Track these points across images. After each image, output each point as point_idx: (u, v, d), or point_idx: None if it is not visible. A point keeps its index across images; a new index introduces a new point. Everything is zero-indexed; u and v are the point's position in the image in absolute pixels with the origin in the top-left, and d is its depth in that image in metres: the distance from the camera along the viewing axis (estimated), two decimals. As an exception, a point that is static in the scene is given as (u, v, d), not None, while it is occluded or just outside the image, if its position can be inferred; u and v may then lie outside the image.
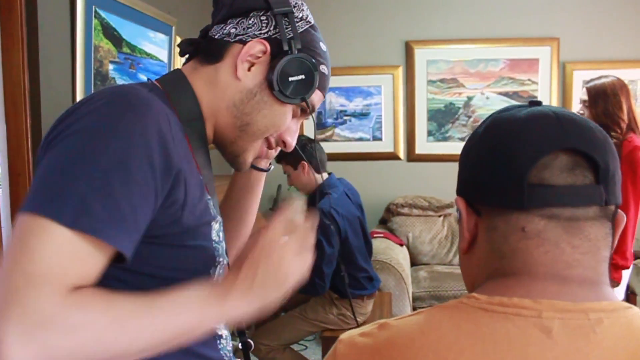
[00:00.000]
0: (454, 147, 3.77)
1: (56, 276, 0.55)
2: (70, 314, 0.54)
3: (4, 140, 1.76)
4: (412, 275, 3.29)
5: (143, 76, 2.42)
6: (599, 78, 2.28)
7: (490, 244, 0.59)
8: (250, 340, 0.95)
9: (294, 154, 1.03)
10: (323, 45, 0.84)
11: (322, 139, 3.88)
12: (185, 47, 0.85)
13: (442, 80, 3.79)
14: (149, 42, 2.48)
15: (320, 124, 3.88)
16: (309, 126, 3.65)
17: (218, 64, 0.81)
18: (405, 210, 3.62)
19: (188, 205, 0.70)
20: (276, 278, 0.67)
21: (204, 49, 0.83)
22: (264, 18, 0.80)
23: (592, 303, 0.54)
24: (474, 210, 0.61)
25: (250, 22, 0.80)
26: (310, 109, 0.83)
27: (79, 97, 2.00)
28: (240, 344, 0.96)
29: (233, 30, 0.80)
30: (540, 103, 0.61)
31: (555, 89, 3.67)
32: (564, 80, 3.67)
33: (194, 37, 0.86)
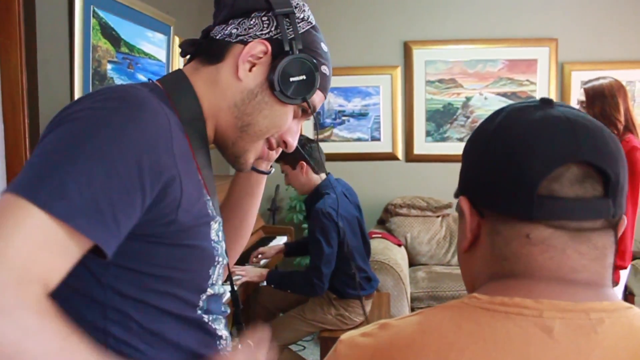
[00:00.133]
0: (453, 148, 3.77)
1: (23, 264, 0.54)
2: (28, 316, 0.52)
3: (1, 140, 1.75)
4: (411, 276, 3.29)
5: (142, 76, 2.41)
6: (597, 79, 2.29)
7: (492, 246, 0.59)
8: (250, 341, 0.95)
9: (293, 153, 1.04)
10: (324, 46, 0.85)
11: (321, 139, 3.88)
12: (186, 48, 0.85)
13: (441, 81, 3.79)
14: (147, 42, 2.47)
15: (317, 125, 3.87)
16: (308, 126, 3.65)
17: (219, 64, 0.81)
18: (403, 211, 3.62)
19: (184, 206, 0.69)
20: None
21: (205, 50, 0.83)
22: (265, 19, 0.80)
23: (593, 303, 0.54)
24: (477, 211, 0.60)
25: (251, 23, 0.80)
26: (311, 109, 0.84)
27: (77, 97, 1.99)
28: (240, 345, 0.96)
29: (234, 30, 0.80)
30: (551, 102, 0.60)
31: (554, 89, 3.67)
32: (563, 80, 3.68)
33: (195, 38, 0.86)
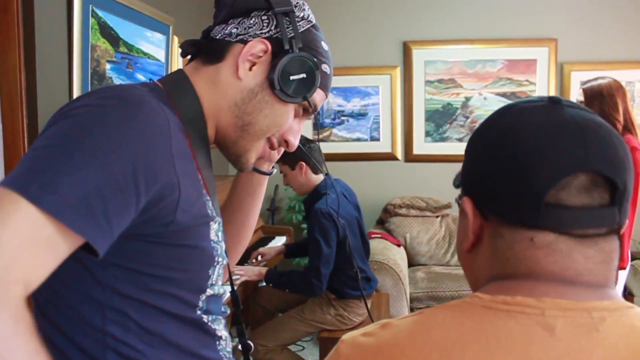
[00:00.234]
0: (452, 148, 3.77)
1: (6, 264, 0.53)
2: (4, 321, 0.52)
3: (0, 139, 1.75)
4: (410, 276, 3.29)
5: (141, 76, 2.41)
6: (596, 79, 2.29)
7: (494, 248, 0.59)
8: (250, 342, 0.95)
9: (293, 153, 1.04)
10: (325, 45, 0.84)
11: (320, 139, 3.88)
12: (186, 48, 0.85)
13: (440, 81, 3.79)
14: (146, 42, 2.47)
15: (317, 125, 3.87)
16: (308, 127, 3.64)
17: (219, 64, 0.80)
18: (402, 211, 3.62)
19: (182, 206, 0.69)
20: None
21: (205, 50, 0.83)
22: (265, 18, 0.80)
23: (595, 302, 0.54)
24: (481, 213, 0.60)
25: (251, 22, 0.80)
26: (312, 108, 0.83)
27: (75, 97, 1.99)
28: (240, 346, 0.96)
29: (234, 30, 0.80)
30: (560, 101, 0.58)
31: (553, 89, 3.68)
32: (562, 81, 3.68)
33: (195, 39, 0.86)
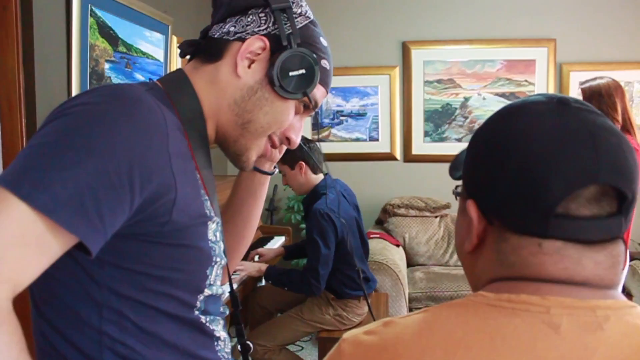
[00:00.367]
0: (451, 148, 3.77)
1: None
2: None
3: (-2, 139, 1.75)
4: (409, 276, 3.29)
5: (139, 75, 2.40)
6: (594, 79, 2.29)
7: (497, 252, 0.58)
8: (249, 342, 0.94)
9: (292, 153, 1.03)
10: (324, 41, 0.84)
11: (319, 139, 3.87)
12: (185, 48, 0.85)
13: (439, 81, 3.79)
14: (145, 41, 2.46)
15: (316, 124, 3.87)
16: (307, 127, 3.64)
17: (218, 62, 0.80)
18: (401, 211, 3.62)
19: (179, 206, 0.69)
20: None
21: (204, 49, 0.82)
22: (262, 15, 0.79)
23: (599, 301, 0.53)
24: (485, 217, 0.58)
25: (249, 20, 0.79)
26: (312, 104, 0.83)
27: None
28: (239, 346, 0.95)
29: (232, 28, 0.80)
30: (569, 103, 0.57)
31: (552, 90, 3.68)
32: (561, 81, 3.68)
33: (194, 39, 0.86)
